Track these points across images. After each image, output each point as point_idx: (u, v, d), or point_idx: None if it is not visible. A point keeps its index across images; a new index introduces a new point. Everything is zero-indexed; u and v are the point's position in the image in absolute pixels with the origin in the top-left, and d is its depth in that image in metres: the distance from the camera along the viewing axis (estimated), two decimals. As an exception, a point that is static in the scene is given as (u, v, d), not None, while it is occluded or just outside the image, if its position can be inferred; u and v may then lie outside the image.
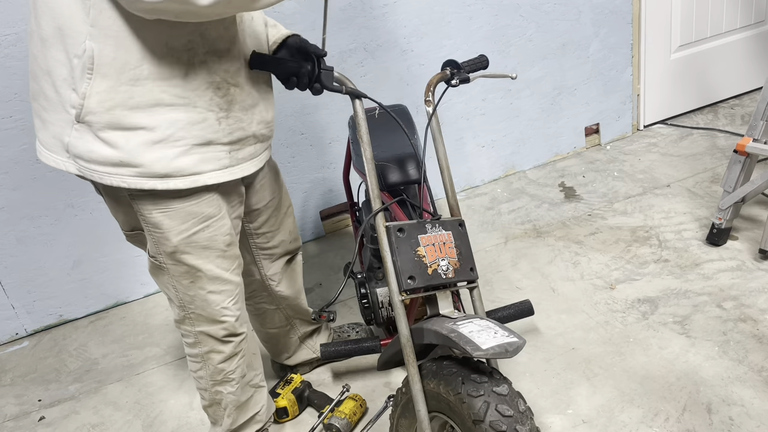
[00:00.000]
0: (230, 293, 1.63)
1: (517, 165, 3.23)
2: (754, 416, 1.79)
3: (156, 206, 1.45)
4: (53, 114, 1.39)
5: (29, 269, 2.59)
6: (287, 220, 1.89)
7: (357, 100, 1.57)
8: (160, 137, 1.36)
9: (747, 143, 2.29)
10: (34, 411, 2.28)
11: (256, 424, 1.87)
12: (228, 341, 1.68)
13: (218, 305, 1.61)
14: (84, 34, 1.29)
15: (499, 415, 1.36)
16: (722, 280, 2.30)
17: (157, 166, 1.38)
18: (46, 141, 1.44)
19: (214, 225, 1.52)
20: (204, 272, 1.56)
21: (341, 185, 2.86)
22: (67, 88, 1.34)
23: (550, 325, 2.23)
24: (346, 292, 2.56)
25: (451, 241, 1.56)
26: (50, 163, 1.44)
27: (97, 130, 1.35)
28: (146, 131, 1.35)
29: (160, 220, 1.47)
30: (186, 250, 1.51)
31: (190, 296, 1.59)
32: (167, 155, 1.38)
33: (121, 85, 1.32)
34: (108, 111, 1.33)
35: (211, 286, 1.58)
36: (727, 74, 3.43)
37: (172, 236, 1.49)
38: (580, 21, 3.02)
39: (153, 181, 1.39)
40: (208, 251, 1.54)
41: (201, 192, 1.47)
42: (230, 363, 1.71)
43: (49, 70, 1.35)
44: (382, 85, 2.81)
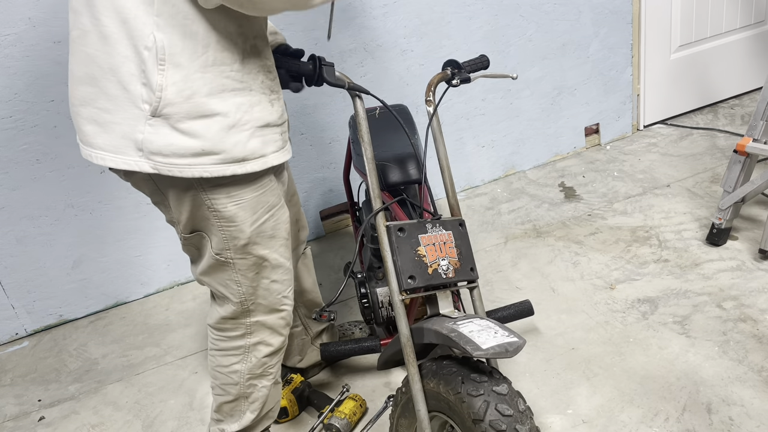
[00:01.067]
0: (289, 282, 1.66)
1: (517, 165, 3.23)
2: (754, 416, 1.79)
3: (231, 199, 1.46)
4: (120, 113, 1.36)
5: (29, 269, 2.59)
6: (294, 209, 1.90)
7: (358, 99, 1.58)
8: (233, 122, 1.38)
9: (747, 143, 2.29)
10: (34, 411, 2.28)
11: (268, 420, 1.87)
12: (282, 333, 1.70)
13: (279, 294, 1.64)
14: (151, 25, 1.29)
15: (499, 415, 1.36)
16: (722, 280, 2.30)
17: (236, 150, 1.39)
18: (109, 144, 1.39)
19: (277, 213, 1.56)
20: (270, 261, 1.58)
21: (341, 185, 2.86)
22: (136, 84, 1.33)
23: (550, 325, 2.23)
24: (346, 292, 2.56)
25: (452, 241, 1.56)
26: (119, 165, 1.40)
27: (176, 121, 1.34)
28: (222, 117, 1.36)
29: (235, 212, 1.48)
30: (256, 240, 1.54)
31: (254, 287, 1.60)
32: (242, 139, 1.39)
33: (194, 73, 1.32)
34: (187, 100, 1.33)
35: (275, 275, 1.61)
36: (727, 74, 3.43)
37: (246, 227, 1.50)
38: (580, 21, 3.02)
39: (233, 166, 1.40)
40: (273, 240, 1.57)
41: (265, 180, 1.50)
42: (273, 357, 1.72)
43: (114, 67, 1.33)
44: (382, 85, 2.81)
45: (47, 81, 2.34)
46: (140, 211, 2.64)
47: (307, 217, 2.95)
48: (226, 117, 1.37)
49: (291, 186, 1.87)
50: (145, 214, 2.65)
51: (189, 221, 1.53)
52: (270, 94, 1.45)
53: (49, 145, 2.43)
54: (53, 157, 2.45)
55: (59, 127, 2.41)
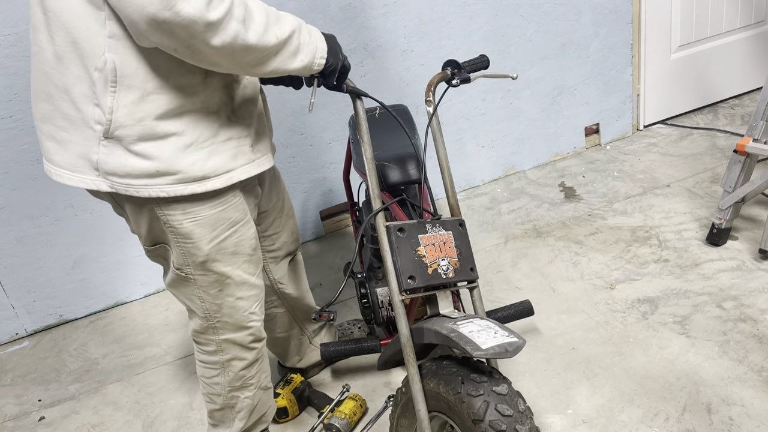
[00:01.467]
0: (256, 298, 1.63)
1: (517, 165, 3.23)
2: (754, 416, 1.79)
3: (186, 216, 1.43)
4: (75, 133, 1.35)
5: (29, 269, 2.59)
6: (290, 221, 1.90)
7: (358, 99, 1.57)
8: (190, 141, 1.36)
9: (747, 143, 2.29)
10: (34, 411, 2.28)
11: (262, 424, 1.87)
12: (252, 348, 1.68)
13: (246, 311, 1.61)
14: (102, 46, 1.27)
15: (499, 415, 1.36)
16: (722, 280, 2.30)
17: (194, 170, 1.37)
18: (67, 162, 1.38)
19: (240, 230, 1.52)
20: (233, 278, 1.55)
21: (341, 185, 2.86)
22: (89, 104, 1.31)
23: (550, 325, 2.23)
24: (346, 292, 2.56)
25: (452, 241, 1.56)
26: (77, 184, 1.39)
27: (129, 143, 1.32)
28: (177, 137, 1.34)
29: (192, 229, 1.45)
30: (216, 257, 1.50)
31: (217, 305, 1.57)
32: (200, 157, 1.37)
33: (148, 95, 1.30)
34: (138, 122, 1.31)
35: (239, 292, 1.58)
36: (727, 74, 3.43)
37: (203, 245, 1.47)
38: (580, 21, 3.02)
39: (192, 185, 1.38)
40: (236, 257, 1.54)
41: (228, 196, 1.47)
42: (251, 369, 1.70)
43: (67, 87, 1.32)
44: (382, 85, 2.81)
45: (47, 81, 2.34)
46: (140, 211, 2.64)
47: (307, 217, 2.95)
48: (182, 136, 1.35)
49: (283, 198, 1.86)
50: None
51: (149, 234, 1.51)
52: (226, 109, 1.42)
53: (49, 145, 2.43)
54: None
55: (59, 127, 2.41)
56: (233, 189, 1.48)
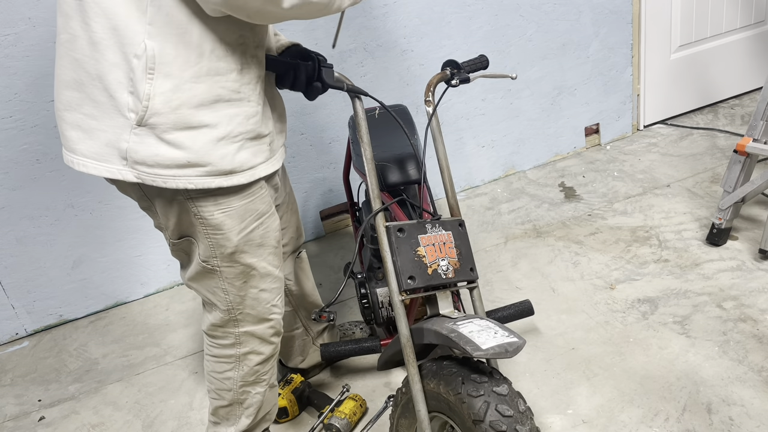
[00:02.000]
0: (279, 291, 1.64)
1: (517, 165, 3.23)
2: (754, 416, 1.79)
3: (218, 207, 1.44)
4: (105, 120, 1.33)
5: (29, 269, 2.59)
6: (294, 216, 1.91)
7: (357, 99, 1.58)
8: (222, 134, 1.36)
9: (747, 143, 2.29)
10: (34, 411, 2.28)
11: (266, 423, 1.87)
12: (272, 342, 1.68)
13: (268, 303, 1.62)
14: (142, 33, 1.27)
15: (499, 415, 1.36)
16: (722, 280, 2.30)
17: (223, 163, 1.37)
18: (93, 151, 1.37)
19: (266, 221, 1.53)
20: (258, 270, 1.56)
21: (341, 185, 2.86)
22: (123, 92, 1.30)
23: (550, 325, 2.23)
24: (346, 292, 2.56)
25: (451, 241, 1.56)
26: (102, 173, 1.37)
27: (162, 132, 1.32)
28: (210, 128, 1.34)
29: (222, 220, 1.45)
30: (244, 248, 1.51)
31: (241, 296, 1.58)
32: (230, 151, 1.38)
33: (184, 83, 1.30)
34: (174, 111, 1.31)
35: (263, 284, 1.59)
36: (727, 74, 3.43)
37: (233, 236, 1.48)
38: (580, 21, 3.02)
39: (220, 179, 1.39)
40: (262, 249, 1.55)
41: (255, 188, 1.48)
42: (266, 365, 1.71)
43: (101, 74, 1.31)
44: (382, 85, 2.81)
45: (47, 81, 2.34)
46: (140, 211, 2.62)
47: (307, 217, 2.95)
48: (215, 129, 1.35)
49: (290, 193, 1.87)
50: (144, 214, 2.63)
51: (176, 227, 1.51)
52: (264, 105, 1.44)
53: (49, 145, 2.43)
54: (53, 157, 2.45)
55: (59, 127, 2.41)
56: (259, 182, 1.49)
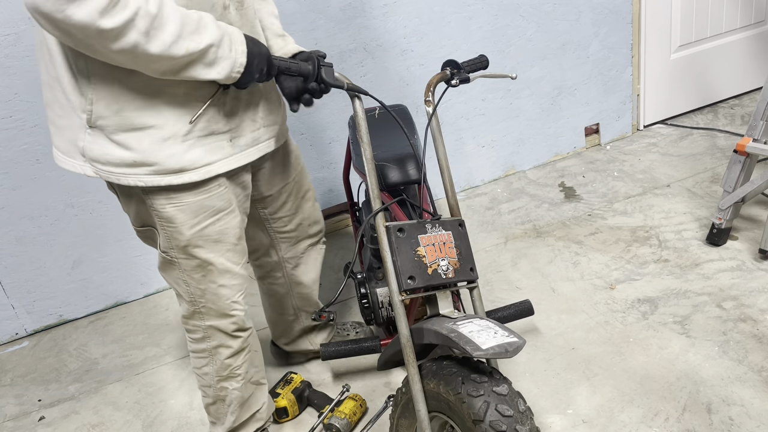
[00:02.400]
0: (240, 287, 1.66)
1: (517, 165, 3.23)
2: (754, 416, 1.79)
3: (169, 201, 1.48)
4: (66, 119, 1.41)
5: (29, 269, 2.59)
6: (305, 204, 1.91)
7: (357, 99, 1.57)
8: (169, 134, 1.40)
9: (747, 143, 2.29)
10: (34, 411, 2.28)
11: (257, 422, 1.88)
12: (237, 336, 1.70)
13: (228, 299, 1.64)
14: None
15: (499, 415, 1.36)
16: (722, 280, 2.30)
17: (171, 162, 1.42)
18: (62, 146, 1.47)
19: (224, 218, 1.56)
20: (215, 265, 1.58)
21: (341, 185, 2.86)
22: (76, 94, 1.37)
23: (550, 325, 2.23)
24: (346, 292, 2.56)
25: (451, 241, 1.56)
26: (68, 167, 1.47)
27: (110, 133, 1.38)
28: (156, 129, 1.39)
29: (174, 214, 1.49)
30: (198, 243, 1.54)
31: (201, 290, 1.61)
32: (178, 150, 1.42)
33: (123, 88, 1.35)
34: (116, 114, 1.36)
35: (221, 280, 1.61)
36: (727, 74, 3.43)
37: (185, 230, 1.52)
38: (580, 21, 3.02)
39: (169, 177, 1.43)
40: (219, 245, 1.57)
41: (212, 185, 1.50)
42: (237, 358, 1.73)
43: (59, 77, 1.38)
44: (382, 85, 2.81)
45: (47, 81, 2.34)
46: (140, 211, 2.64)
47: (307, 217, 2.95)
48: (161, 129, 1.39)
49: (297, 181, 1.87)
50: (145, 214, 2.65)
51: (137, 217, 1.57)
52: (216, 102, 1.45)
53: (49, 145, 2.40)
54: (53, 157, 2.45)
55: (59, 127, 2.42)
56: (217, 179, 1.51)
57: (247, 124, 1.54)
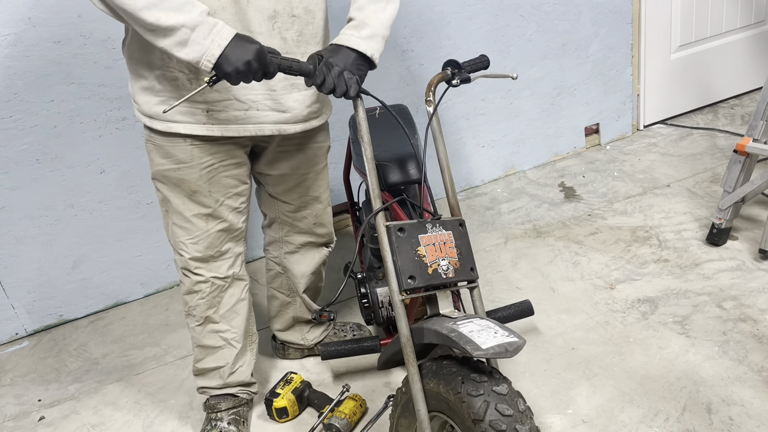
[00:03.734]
0: (189, 233, 1.78)
1: (517, 165, 3.23)
2: (754, 416, 1.79)
3: (150, 136, 1.71)
4: None
5: (29, 269, 2.59)
6: (316, 205, 1.95)
7: (358, 99, 1.58)
8: (148, 85, 1.63)
9: (747, 143, 2.29)
10: (34, 411, 2.28)
11: (217, 378, 1.94)
12: (185, 275, 1.84)
13: (178, 238, 1.80)
14: None
15: (499, 415, 1.36)
16: (722, 280, 2.30)
17: (145, 108, 1.66)
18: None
19: (184, 170, 1.70)
20: (171, 204, 1.76)
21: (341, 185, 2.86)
22: None
23: (550, 325, 2.23)
24: (346, 292, 2.56)
25: (452, 241, 1.56)
26: None
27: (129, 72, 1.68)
28: (143, 79, 1.63)
29: (150, 149, 1.73)
30: (161, 180, 1.75)
31: (166, 223, 1.82)
32: (151, 101, 1.64)
33: (133, 42, 1.60)
34: (128, 58, 1.65)
35: (175, 219, 1.78)
36: (727, 74, 3.43)
37: (153, 165, 1.74)
38: (580, 21, 3.02)
39: (145, 118, 1.68)
40: (177, 189, 1.74)
41: (177, 139, 1.67)
42: (191, 298, 1.86)
43: None
44: (382, 85, 2.81)
45: (47, 81, 2.34)
46: (140, 211, 2.64)
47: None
48: (144, 80, 1.63)
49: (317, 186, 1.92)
50: (144, 214, 2.65)
51: None
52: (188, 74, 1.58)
53: (49, 145, 2.43)
54: (53, 157, 2.45)
55: (59, 127, 2.41)
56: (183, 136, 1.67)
57: (230, 102, 1.62)
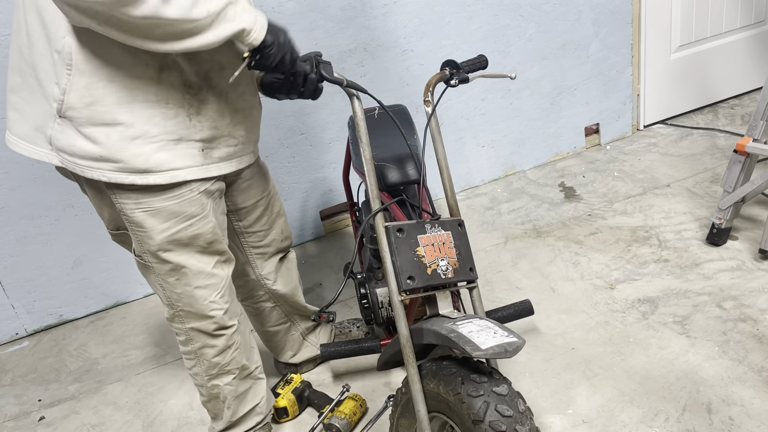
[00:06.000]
0: (216, 287, 1.63)
1: (517, 165, 3.23)
2: (754, 416, 1.79)
3: (139, 206, 1.47)
4: (36, 107, 1.40)
5: (29, 269, 2.59)
6: (279, 219, 1.91)
7: (356, 99, 1.57)
8: (138, 133, 1.39)
9: (747, 143, 2.28)
10: (34, 411, 2.28)
11: (257, 416, 1.88)
12: (219, 335, 1.69)
13: (205, 300, 1.62)
14: (64, 30, 1.31)
15: (499, 415, 1.36)
16: (722, 280, 2.30)
17: (137, 162, 1.40)
18: (25, 133, 1.45)
19: (197, 224, 1.53)
20: (188, 268, 1.57)
21: (341, 185, 2.86)
22: (50, 82, 1.36)
23: (550, 325, 2.23)
24: (346, 292, 2.56)
25: (451, 241, 1.56)
26: (31, 155, 1.45)
27: (78, 125, 1.37)
28: (125, 127, 1.37)
29: (143, 219, 1.48)
30: (168, 248, 1.53)
31: (177, 294, 1.60)
32: (146, 151, 1.40)
33: (99, 82, 1.34)
34: (87, 107, 1.35)
35: (196, 282, 1.59)
36: (727, 74, 3.42)
37: (155, 235, 1.50)
38: (580, 21, 3.02)
39: (133, 176, 1.41)
40: (190, 248, 1.56)
41: (182, 190, 1.48)
42: (224, 356, 1.72)
43: (34, 63, 1.37)
44: (382, 85, 2.81)
45: (47, 81, 2.34)
46: (140, 211, 2.64)
47: (307, 217, 2.95)
48: (131, 128, 1.38)
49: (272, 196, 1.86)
50: (145, 214, 2.65)
51: (110, 219, 1.56)
52: (189, 109, 1.44)
53: (49, 146, 2.43)
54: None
55: (59, 127, 2.41)
56: (189, 184, 1.49)
57: (224, 139, 1.53)
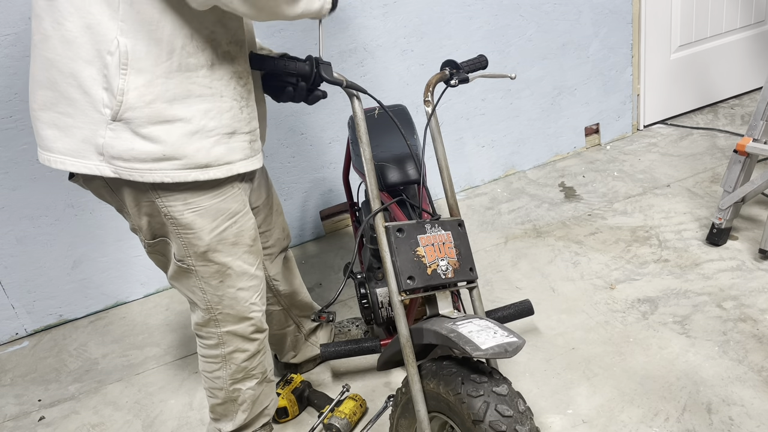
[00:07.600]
0: (257, 288, 1.65)
1: (517, 165, 3.23)
2: (754, 416, 1.79)
3: (187, 207, 1.46)
4: (81, 117, 1.36)
5: (29, 269, 2.59)
6: (279, 218, 1.92)
7: (356, 100, 1.57)
8: (196, 128, 1.38)
9: (747, 143, 2.29)
10: (34, 411, 2.28)
11: (264, 417, 1.89)
12: (254, 339, 1.69)
13: (247, 301, 1.63)
14: (115, 30, 1.29)
15: (499, 415, 1.36)
16: (722, 280, 2.30)
17: (198, 156, 1.40)
18: (70, 148, 1.39)
19: (240, 220, 1.55)
20: (233, 269, 1.57)
21: (341, 185, 2.86)
22: (98, 88, 1.33)
23: (550, 325, 2.23)
24: (346, 292, 2.56)
25: (451, 241, 1.56)
26: (80, 170, 1.39)
27: (137, 126, 1.34)
28: (184, 122, 1.37)
29: (193, 219, 1.48)
30: (217, 248, 1.53)
31: (219, 296, 1.60)
32: (205, 145, 1.40)
33: (156, 78, 1.33)
34: (148, 105, 1.33)
35: (240, 283, 1.60)
36: (727, 74, 3.43)
37: (204, 235, 1.50)
38: (580, 21, 3.02)
39: (195, 172, 1.41)
40: (236, 247, 1.56)
41: (226, 187, 1.50)
42: (253, 360, 1.73)
43: (74, 72, 1.33)
44: (382, 85, 2.81)
45: (47, 81, 2.34)
46: (140, 211, 2.64)
47: (307, 217, 2.95)
48: (189, 123, 1.37)
49: (272, 196, 1.88)
50: (145, 214, 2.65)
51: (149, 228, 1.53)
52: (240, 101, 1.45)
53: (49, 146, 2.43)
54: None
55: (59, 127, 2.42)
56: (232, 180, 1.51)
57: (258, 131, 1.55)
